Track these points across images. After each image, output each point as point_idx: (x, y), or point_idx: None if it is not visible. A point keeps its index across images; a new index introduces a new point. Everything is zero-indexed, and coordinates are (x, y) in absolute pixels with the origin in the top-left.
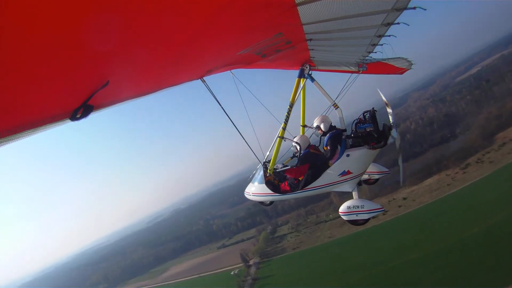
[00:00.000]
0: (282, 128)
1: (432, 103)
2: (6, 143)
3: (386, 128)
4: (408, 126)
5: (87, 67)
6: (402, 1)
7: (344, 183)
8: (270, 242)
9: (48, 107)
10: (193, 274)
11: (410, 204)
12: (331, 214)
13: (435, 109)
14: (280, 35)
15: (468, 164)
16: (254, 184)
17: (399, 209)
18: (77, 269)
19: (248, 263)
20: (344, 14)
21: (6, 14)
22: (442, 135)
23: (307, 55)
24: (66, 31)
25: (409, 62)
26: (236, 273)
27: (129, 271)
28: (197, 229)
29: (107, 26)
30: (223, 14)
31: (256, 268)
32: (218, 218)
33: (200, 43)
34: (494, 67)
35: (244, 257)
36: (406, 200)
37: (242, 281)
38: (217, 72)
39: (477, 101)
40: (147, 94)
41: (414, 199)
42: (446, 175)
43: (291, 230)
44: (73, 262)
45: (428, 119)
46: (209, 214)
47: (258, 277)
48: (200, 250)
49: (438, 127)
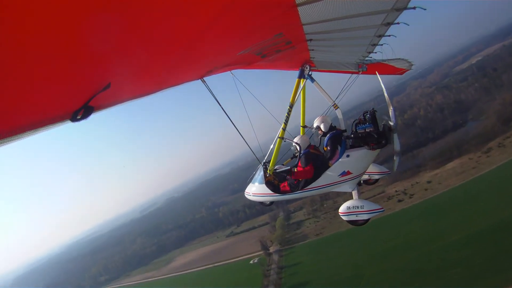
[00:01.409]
0: (282, 129)
1: (437, 91)
2: (6, 143)
3: (386, 129)
4: (416, 112)
5: (88, 69)
6: (402, 1)
7: (344, 184)
8: (287, 228)
9: (49, 108)
10: (206, 264)
11: (436, 187)
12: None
13: (442, 96)
14: (280, 35)
15: (489, 148)
16: (254, 184)
17: (425, 192)
18: (74, 260)
19: (268, 251)
20: (344, 14)
21: (7, 15)
22: (454, 121)
23: (307, 56)
24: (68, 33)
25: (409, 63)
26: (256, 262)
27: (131, 262)
28: (201, 216)
29: (109, 27)
30: (224, 15)
31: (279, 256)
32: (223, 206)
33: (200, 44)
34: (497, 57)
35: (264, 245)
36: (431, 184)
37: (267, 270)
38: (217, 73)
39: (486, 88)
40: (147, 95)
41: (440, 182)
42: (469, 159)
43: (308, 216)
44: (67, 252)
45: (437, 106)
46: (210, 201)
47: (284, 265)
48: (206, 239)
49: (449, 113)
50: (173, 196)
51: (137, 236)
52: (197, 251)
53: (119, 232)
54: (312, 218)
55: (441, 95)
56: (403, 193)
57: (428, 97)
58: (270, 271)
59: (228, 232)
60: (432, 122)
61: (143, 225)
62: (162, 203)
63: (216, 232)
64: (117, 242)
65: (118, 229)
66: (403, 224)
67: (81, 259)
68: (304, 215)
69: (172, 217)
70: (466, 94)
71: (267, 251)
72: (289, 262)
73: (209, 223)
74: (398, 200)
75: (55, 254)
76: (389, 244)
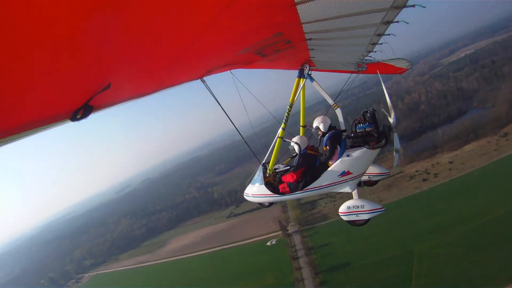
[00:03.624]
0: (281, 129)
1: (432, 79)
2: (6, 143)
3: (386, 128)
4: (416, 97)
5: (89, 69)
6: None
7: (344, 184)
8: (301, 208)
9: (50, 108)
10: (211, 247)
11: (461, 167)
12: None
13: (441, 84)
14: (279, 34)
15: (506, 133)
16: (254, 185)
17: (450, 172)
18: (51, 242)
19: (287, 231)
20: (343, 12)
21: (8, 15)
22: (459, 107)
23: (307, 55)
24: (68, 33)
25: (409, 62)
26: (274, 243)
27: (119, 245)
28: (192, 197)
29: (109, 28)
30: (223, 14)
31: (302, 236)
32: (215, 186)
33: (200, 44)
34: (491, 51)
35: (283, 225)
36: (454, 164)
37: (293, 252)
38: (217, 72)
39: (486, 78)
40: (147, 95)
41: (463, 163)
42: (487, 142)
43: (321, 196)
44: (42, 235)
45: (438, 92)
46: (199, 182)
47: (313, 246)
48: (201, 220)
49: (452, 100)
50: (149, 177)
51: (121, 217)
52: (195, 233)
53: (98, 213)
54: (324, 198)
55: (440, 83)
56: (426, 173)
57: (426, 85)
58: (297, 253)
59: (228, 213)
60: (436, 107)
61: (123, 206)
62: (139, 184)
63: (212, 213)
64: (99, 224)
65: (95, 209)
66: (437, 201)
67: (60, 241)
68: (316, 196)
69: (155, 198)
70: (467, 83)
71: (286, 231)
72: (317, 243)
73: (203, 203)
74: (423, 179)
75: (28, 236)
76: (432, 221)
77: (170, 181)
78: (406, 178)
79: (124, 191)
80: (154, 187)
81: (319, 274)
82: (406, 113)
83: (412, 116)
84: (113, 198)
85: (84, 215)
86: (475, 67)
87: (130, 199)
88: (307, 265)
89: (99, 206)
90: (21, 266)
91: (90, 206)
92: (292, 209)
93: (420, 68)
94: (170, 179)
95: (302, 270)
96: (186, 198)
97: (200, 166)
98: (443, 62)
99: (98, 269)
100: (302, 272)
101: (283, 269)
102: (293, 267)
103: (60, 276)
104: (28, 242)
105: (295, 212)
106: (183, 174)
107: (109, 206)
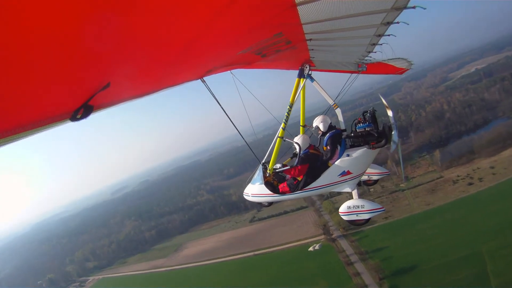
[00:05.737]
0: (281, 128)
1: (450, 90)
2: (7, 143)
3: (386, 128)
4: (439, 107)
5: (88, 68)
6: (401, 0)
7: (344, 184)
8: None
9: (49, 108)
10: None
11: (504, 172)
12: (401, 183)
13: (462, 95)
14: (280, 35)
15: None
16: (254, 185)
17: (495, 176)
18: (47, 241)
19: (331, 236)
20: (343, 13)
21: (7, 14)
22: (484, 116)
23: (307, 55)
24: (68, 32)
25: (409, 63)
26: (317, 248)
27: (125, 247)
28: (205, 199)
29: (108, 27)
30: (223, 14)
31: (350, 241)
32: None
33: (200, 44)
34: (505, 65)
35: (327, 230)
36: (495, 169)
37: (344, 257)
38: (217, 72)
39: (507, 90)
40: (147, 95)
41: (505, 168)
42: None
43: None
44: (36, 233)
45: (461, 103)
46: (208, 185)
47: (366, 250)
48: (218, 224)
49: (477, 110)
50: (147, 179)
51: (124, 218)
52: (214, 238)
53: (96, 213)
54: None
55: (460, 93)
56: (469, 177)
57: (445, 95)
58: (350, 258)
59: (250, 217)
60: (462, 116)
61: (123, 206)
62: (136, 186)
63: (230, 216)
64: (99, 224)
65: (92, 209)
66: (491, 204)
67: (57, 240)
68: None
69: (159, 200)
70: (489, 94)
71: (330, 236)
72: (370, 248)
73: (220, 206)
74: (469, 183)
75: (20, 234)
76: (491, 222)
77: (172, 184)
78: (449, 182)
79: (121, 192)
80: (154, 189)
81: (383, 279)
82: (432, 120)
83: (439, 123)
84: (110, 199)
85: (80, 215)
86: (494, 79)
87: (130, 200)
88: (367, 270)
89: (95, 206)
90: (12, 264)
91: (85, 205)
92: (330, 213)
93: (431, 81)
94: (171, 181)
95: (362, 276)
96: (199, 200)
97: (202, 170)
98: (454, 75)
99: (104, 272)
100: (363, 278)
101: (338, 275)
102: (350, 273)
103: (60, 277)
104: (20, 240)
105: (336, 216)
106: (186, 177)
107: (106, 206)
